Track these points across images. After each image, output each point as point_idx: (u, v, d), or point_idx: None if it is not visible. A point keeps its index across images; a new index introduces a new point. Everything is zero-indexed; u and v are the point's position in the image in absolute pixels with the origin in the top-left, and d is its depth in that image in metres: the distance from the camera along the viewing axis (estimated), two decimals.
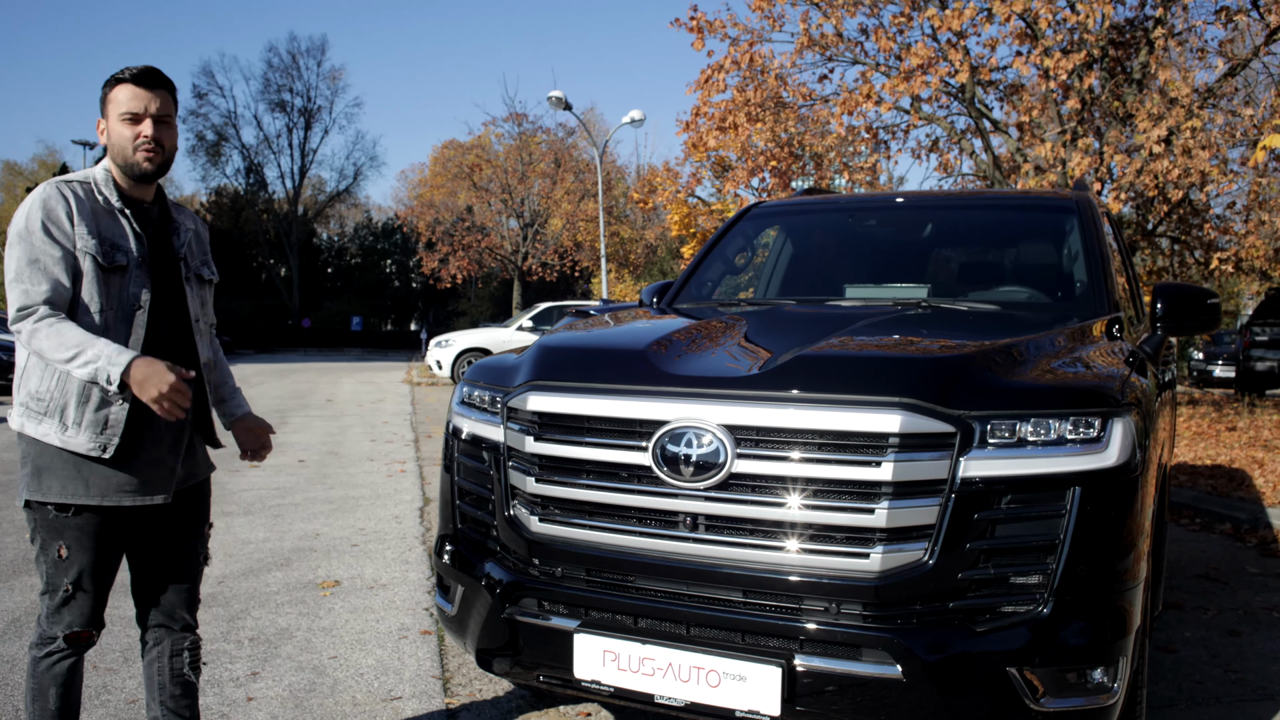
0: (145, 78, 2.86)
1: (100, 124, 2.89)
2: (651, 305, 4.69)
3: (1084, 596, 2.59)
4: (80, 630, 2.89)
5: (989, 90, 14.13)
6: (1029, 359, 2.92)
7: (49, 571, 2.85)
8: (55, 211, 2.74)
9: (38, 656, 2.90)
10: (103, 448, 2.79)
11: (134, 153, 2.85)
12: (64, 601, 2.85)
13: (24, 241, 2.72)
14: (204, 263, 3.12)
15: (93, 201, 2.82)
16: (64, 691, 2.91)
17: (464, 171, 43.01)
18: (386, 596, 5.46)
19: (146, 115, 2.85)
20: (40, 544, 2.86)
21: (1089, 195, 4.45)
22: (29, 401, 2.82)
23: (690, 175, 20.12)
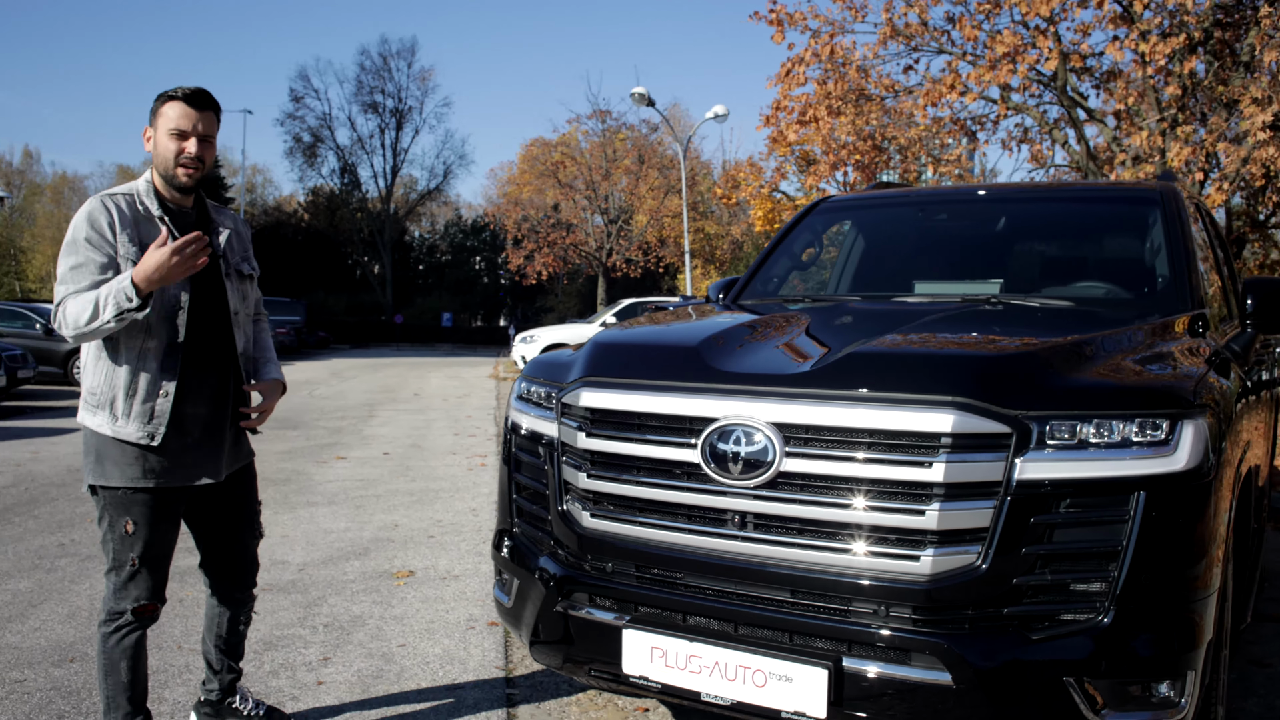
0: (195, 98, 3.11)
1: (147, 133, 3.14)
2: (717, 301, 4.65)
3: (1149, 606, 2.47)
4: (146, 603, 3.14)
5: (1083, 78, 13.68)
6: (1096, 357, 2.80)
7: (115, 548, 3.10)
8: (99, 222, 3.02)
9: (107, 633, 3.13)
10: (150, 436, 3.06)
11: (175, 166, 3.10)
12: (130, 576, 3.11)
13: (71, 250, 3.01)
14: (244, 259, 3.38)
15: (134, 211, 3.08)
16: (133, 664, 3.15)
17: (549, 169, 43.32)
18: (458, 587, 5.52)
19: (193, 134, 3.10)
20: (108, 522, 3.11)
21: (1174, 186, 4.26)
22: (87, 396, 3.13)
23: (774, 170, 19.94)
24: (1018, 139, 14.26)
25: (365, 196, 63.42)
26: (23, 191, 71.48)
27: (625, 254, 43.20)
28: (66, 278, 3.00)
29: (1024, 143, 14.18)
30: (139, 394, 3.06)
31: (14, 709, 3.73)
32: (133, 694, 3.17)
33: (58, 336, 20.12)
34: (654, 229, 43.04)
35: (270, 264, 53.08)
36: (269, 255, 53.26)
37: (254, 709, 3.58)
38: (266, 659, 4.33)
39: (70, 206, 71.12)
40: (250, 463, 3.47)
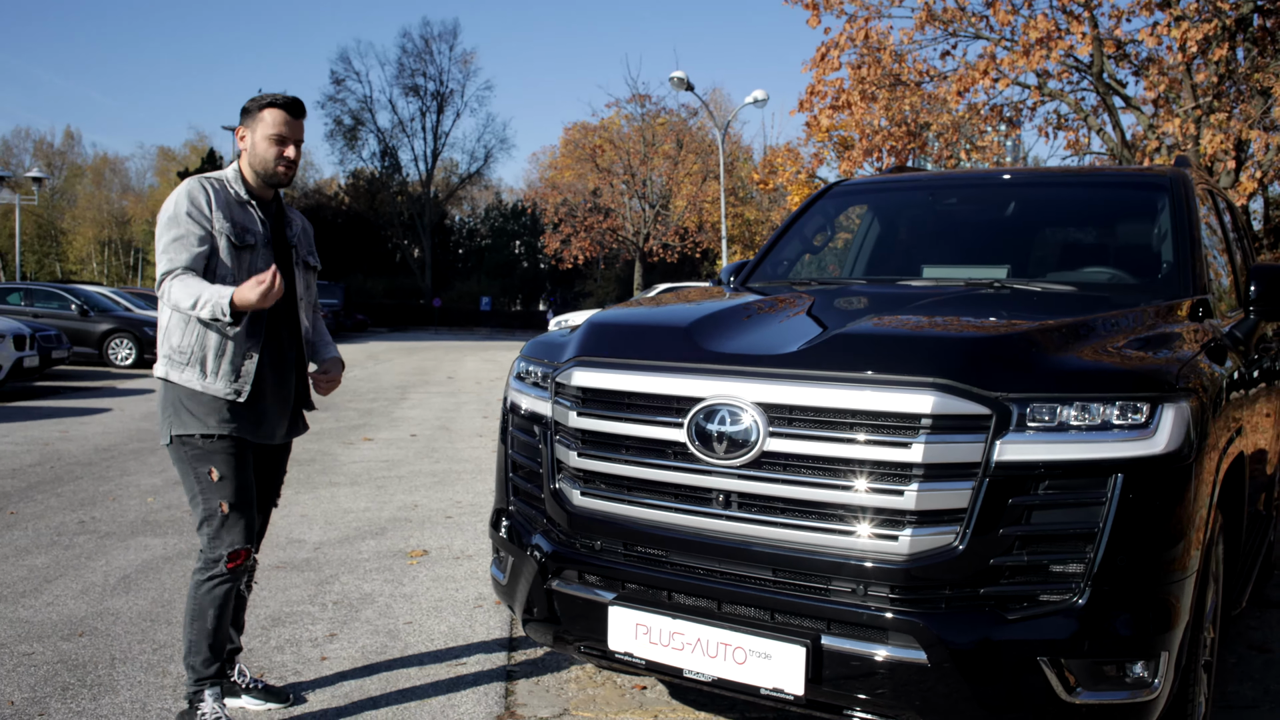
0: (294, 107, 3.45)
1: (240, 132, 3.45)
2: (728, 283, 4.67)
3: (1124, 587, 2.48)
4: (240, 547, 3.37)
5: (1122, 64, 13.48)
6: (1083, 340, 2.80)
7: (204, 497, 3.35)
8: (198, 199, 3.32)
9: (200, 580, 3.38)
10: (237, 393, 3.35)
11: (275, 167, 3.43)
12: (223, 522, 3.35)
13: (172, 223, 3.29)
14: (310, 252, 3.72)
15: (225, 194, 3.40)
16: (219, 614, 3.38)
17: (589, 153, 43.36)
18: (470, 567, 5.60)
19: (291, 140, 3.44)
20: (193, 474, 3.35)
21: (1185, 172, 4.21)
22: (172, 354, 3.37)
23: (812, 156, 19.84)
24: (1054, 125, 14.09)
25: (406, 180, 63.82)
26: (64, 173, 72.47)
27: (663, 239, 43.17)
28: (169, 249, 3.26)
29: (1060, 129, 14.01)
30: (227, 354, 3.34)
31: (20, 680, 3.84)
32: (214, 641, 3.38)
33: (93, 317, 20.45)
34: (692, 214, 42.98)
35: None
36: None
37: (251, 683, 3.70)
38: (273, 634, 4.42)
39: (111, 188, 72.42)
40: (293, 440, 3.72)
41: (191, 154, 65.19)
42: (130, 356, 20.32)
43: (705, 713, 3.69)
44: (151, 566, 5.44)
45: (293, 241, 3.61)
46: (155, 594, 4.94)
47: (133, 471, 8.31)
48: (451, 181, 66.65)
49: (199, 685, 3.38)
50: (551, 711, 3.68)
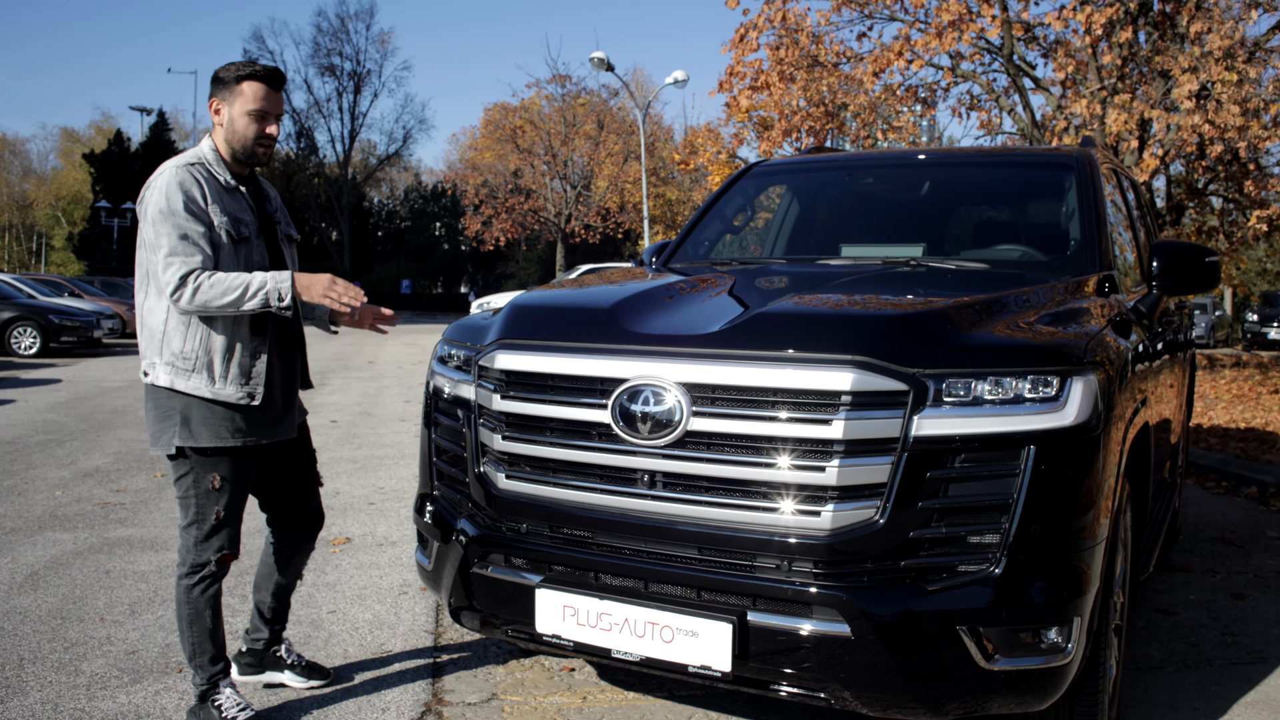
0: (274, 78, 3.23)
1: (215, 105, 3.22)
2: (650, 264, 4.68)
3: (1038, 556, 2.55)
4: (228, 552, 3.31)
5: (1031, 46, 13.79)
6: (996, 316, 2.86)
7: (199, 503, 3.24)
8: (192, 192, 3.11)
9: (190, 585, 3.29)
10: (250, 396, 3.23)
11: (255, 146, 3.24)
12: (214, 528, 3.26)
13: (171, 220, 3.07)
14: (289, 224, 3.56)
15: (214, 182, 3.19)
16: (215, 613, 3.33)
17: (509, 135, 43.00)
18: (394, 554, 5.54)
19: (272, 115, 3.24)
20: (193, 480, 3.24)
21: (1090, 151, 4.33)
22: (175, 360, 3.19)
23: (732, 136, 19.94)
24: (967, 106, 14.36)
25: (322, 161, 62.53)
26: None
27: (585, 220, 43.06)
28: (178, 248, 3.07)
29: (973, 110, 14.29)
30: (235, 356, 3.21)
31: None
32: (215, 639, 3.33)
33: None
34: (614, 195, 42.94)
35: None
36: None
37: (296, 660, 3.69)
38: None
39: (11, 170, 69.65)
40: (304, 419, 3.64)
41: (97, 135, 63.03)
42: (34, 346, 19.67)
43: (634, 693, 3.71)
44: (61, 562, 5.28)
45: (276, 218, 3.47)
46: (65, 591, 4.80)
47: (39, 465, 8.05)
48: (370, 163, 65.52)
49: (211, 682, 3.33)
50: (480, 697, 3.67)
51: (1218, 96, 10.07)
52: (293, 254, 3.53)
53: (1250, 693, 3.76)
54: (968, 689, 2.58)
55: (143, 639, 4.18)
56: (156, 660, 3.96)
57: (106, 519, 6.26)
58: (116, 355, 20.59)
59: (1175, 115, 10.54)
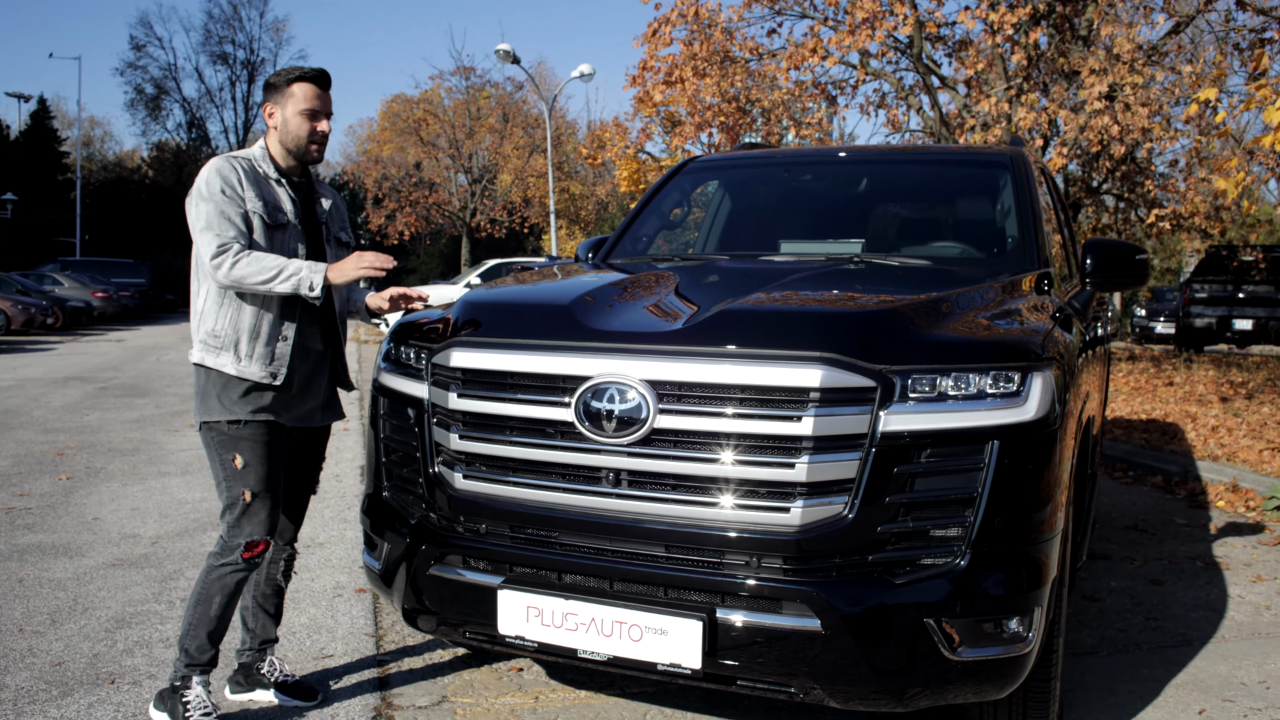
0: (324, 79, 3.38)
1: (269, 109, 3.36)
2: (586, 260, 4.65)
3: (1001, 548, 2.61)
4: (259, 539, 3.27)
5: (937, 46, 14.13)
6: (953, 313, 2.92)
7: (228, 484, 3.28)
8: (230, 178, 3.24)
9: (214, 564, 3.29)
10: (273, 375, 3.29)
11: (309, 144, 3.36)
12: (244, 511, 3.26)
13: (209, 201, 3.21)
14: (342, 228, 3.63)
15: (254, 174, 3.32)
16: (227, 602, 3.30)
17: (411, 127, 42.33)
18: (323, 555, 5.41)
19: (323, 114, 3.37)
20: (218, 460, 3.29)
21: (1023, 151, 4.45)
22: (207, 339, 3.30)
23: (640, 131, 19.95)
24: (875, 104, 14.65)
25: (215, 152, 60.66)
26: None
27: (489, 214, 42.68)
28: (213, 224, 3.19)
29: (881, 108, 14.59)
30: (262, 337, 3.28)
31: None
32: (213, 629, 3.29)
33: None
34: (519, 189, 42.65)
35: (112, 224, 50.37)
36: (110, 215, 50.50)
37: (283, 677, 3.57)
38: (120, 637, 4.15)
39: None
40: (330, 425, 3.64)
41: None
42: None
43: (586, 691, 3.69)
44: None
45: (322, 219, 3.53)
46: None
47: None
48: None
49: (189, 670, 3.28)
50: (430, 700, 3.61)
51: (1125, 99, 10.46)
52: (340, 256, 3.55)
53: (1179, 674, 3.91)
54: (933, 679, 2.63)
55: (67, 650, 4.00)
56: (85, 672, 3.79)
57: (13, 525, 5.97)
58: (3, 354, 19.65)
59: (1081, 116, 10.92)
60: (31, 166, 48.42)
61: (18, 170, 47.49)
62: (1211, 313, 19.58)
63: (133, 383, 13.75)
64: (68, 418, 10.38)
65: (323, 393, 3.51)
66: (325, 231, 3.54)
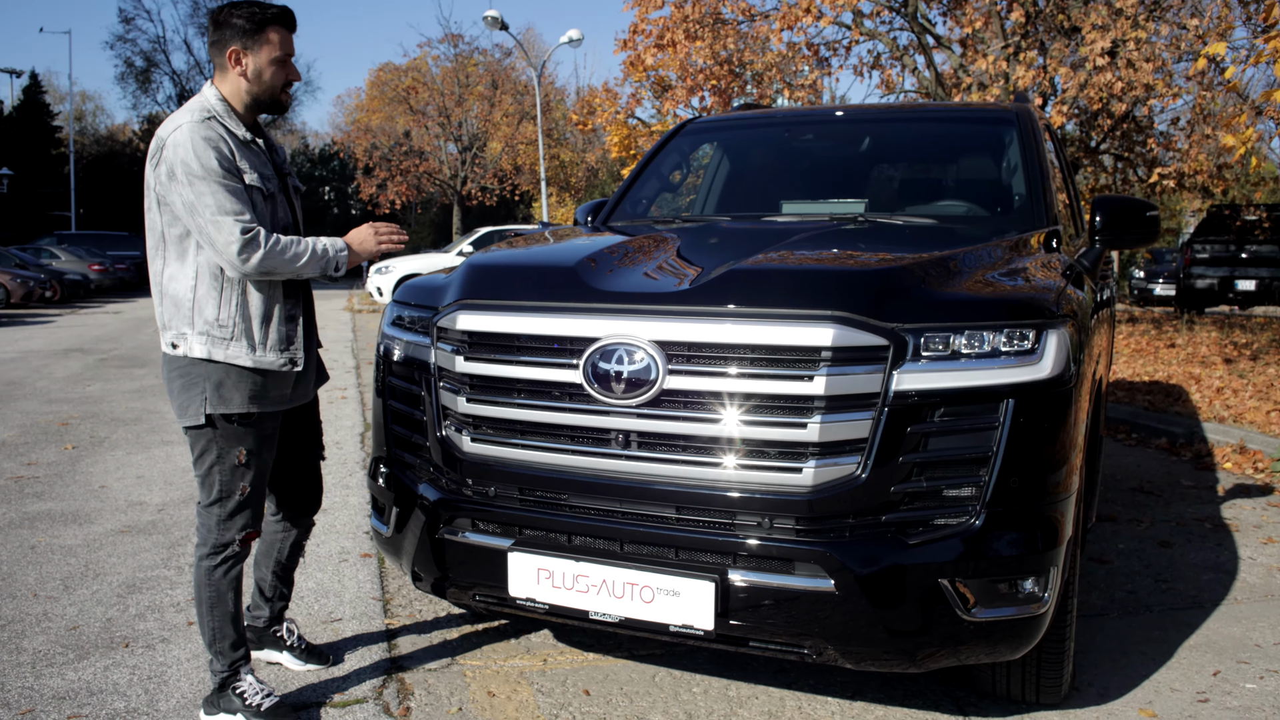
0: (292, 19, 3.05)
1: (236, 52, 2.96)
2: (586, 224, 4.60)
3: (1016, 508, 2.60)
4: (252, 530, 3.16)
5: (932, 4, 13.99)
6: (964, 271, 2.89)
7: (224, 479, 3.06)
8: (222, 149, 2.91)
9: (212, 565, 3.12)
10: (292, 362, 3.09)
11: (282, 93, 3.07)
12: (238, 505, 3.09)
13: (208, 179, 2.86)
14: (293, 175, 3.33)
15: (234, 137, 2.98)
16: (237, 595, 3.17)
17: (400, 95, 41.95)
18: (326, 521, 5.39)
19: (290, 59, 3.06)
20: (216, 455, 3.04)
21: (1029, 108, 4.40)
22: (211, 329, 2.99)
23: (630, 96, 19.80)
24: (869, 65, 14.51)
25: None
26: None
27: (480, 182, 42.41)
28: (227, 206, 2.87)
29: (875, 69, 14.44)
30: (274, 321, 3.05)
31: None
32: (236, 623, 3.17)
33: None
34: (509, 156, 42.35)
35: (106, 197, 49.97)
36: (103, 188, 50.13)
37: (297, 641, 3.52)
38: (131, 602, 4.15)
39: None
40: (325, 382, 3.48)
41: None
42: None
43: (593, 653, 3.69)
44: None
45: (285, 169, 3.25)
46: None
47: None
48: None
49: (233, 668, 3.16)
50: (440, 663, 3.60)
51: (1128, 55, 10.35)
52: (299, 206, 3.35)
53: (1192, 636, 3.89)
54: (947, 639, 2.63)
55: (81, 614, 4.01)
56: (100, 635, 3.81)
57: (22, 493, 5.96)
58: (4, 327, 19.55)
59: (1082, 73, 10.81)
60: (25, 142, 48.05)
61: (12, 145, 47.13)
62: (1213, 273, 19.39)
63: (131, 354, 13.68)
64: (70, 388, 10.34)
65: (314, 363, 3.34)
66: (288, 185, 3.25)
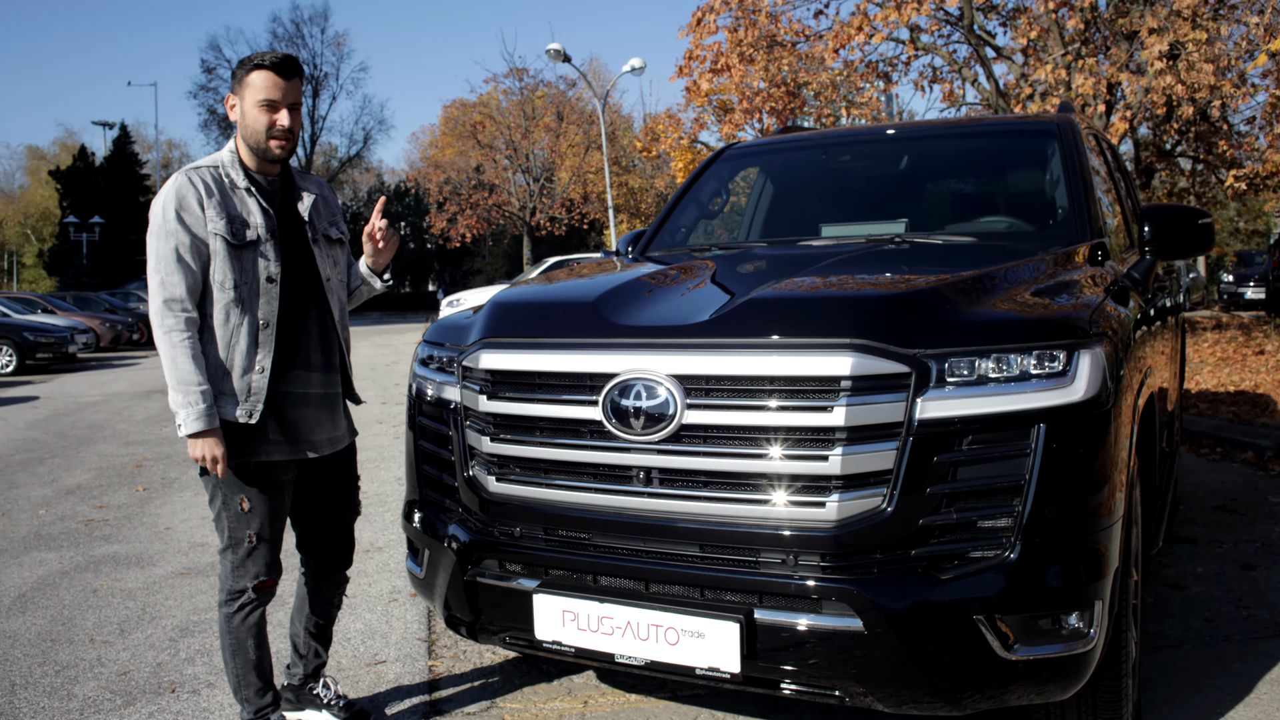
0: (284, 66, 3.02)
1: (231, 100, 3.06)
2: (626, 254, 4.57)
3: (1054, 538, 2.46)
4: (265, 579, 3.14)
5: (990, 15, 13.74)
6: (994, 291, 2.77)
7: (231, 526, 3.08)
8: (187, 199, 2.95)
9: (230, 613, 3.13)
10: (248, 414, 3.02)
11: (267, 139, 3.03)
12: (248, 553, 3.09)
13: (161, 232, 2.94)
14: (332, 223, 3.29)
15: (220, 184, 3.01)
16: (259, 640, 3.15)
17: (469, 130, 42.67)
18: (381, 560, 5.42)
19: (283, 104, 3.01)
20: (222, 501, 3.08)
21: (1071, 117, 4.25)
22: None
23: (693, 120, 19.83)
24: (929, 79, 14.30)
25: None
26: None
27: (549, 212, 42.84)
28: (160, 266, 2.95)
29: (935, 82, 14.23)
30: (235, 372, 3.01)
31: None
32: (261, 670, 3.17)
33: None
34: (577, 186, 42.74)
35: None
36: None
37: (335, 699, 3.46)
38: (182, 645, 4.20)
39: None
40: (354, 441, 3.42)
41: (62, 152, 62.42)
42: (10, 364, 19.51)
43: (636, 695, 3.61)
44: (48, 583, 5.14)
45: (307, 218, 3.18)
46: (54, 612, 4.67)
47: (21, 484, 7.87)
48: (331, 166, 64.87)
49: (260, 716, 3.17)
50: (479, 706, 3.56)
51: (1188, 57, 10.02)
52: (334, 255, 3.27)
53: (1275, 669, 3.65)
54: (987, 680, 2.49)
55: (133, 659, 4.07)
56: (149, 681, 3.85)
57: (91, 536, 6.12)
58: (93, 370, 20.28)
59: (1144, 77, 10.50)
60: (116, 190, 50.15)
61: (104, 194, 49.21)
62: None
63: None
64: (148, 430, 10.63)
65: (330, 416, 3.25)
66: (311, 232, 3.19)
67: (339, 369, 3.29)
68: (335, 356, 3.26)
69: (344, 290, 3.34)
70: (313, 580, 3.42)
